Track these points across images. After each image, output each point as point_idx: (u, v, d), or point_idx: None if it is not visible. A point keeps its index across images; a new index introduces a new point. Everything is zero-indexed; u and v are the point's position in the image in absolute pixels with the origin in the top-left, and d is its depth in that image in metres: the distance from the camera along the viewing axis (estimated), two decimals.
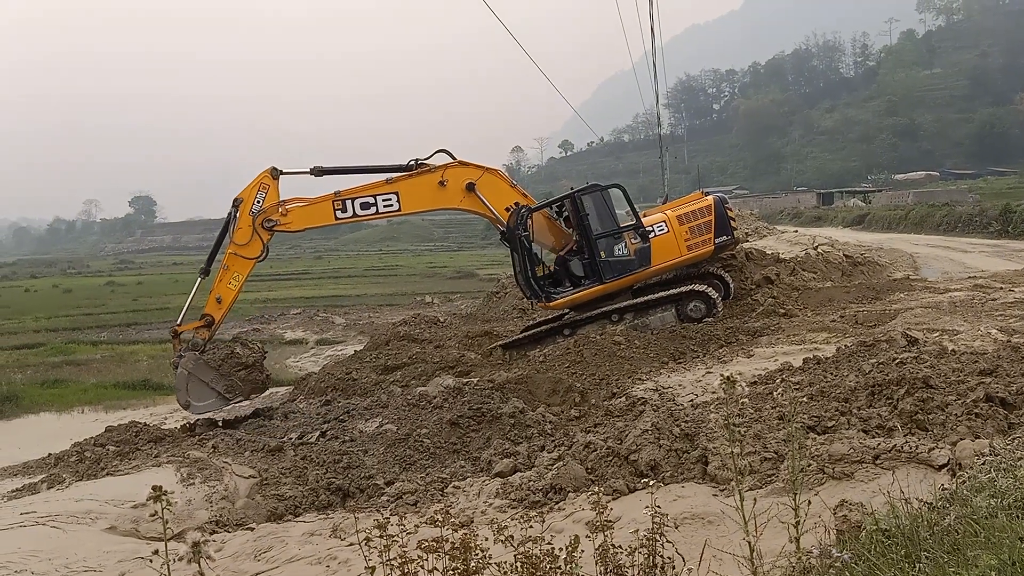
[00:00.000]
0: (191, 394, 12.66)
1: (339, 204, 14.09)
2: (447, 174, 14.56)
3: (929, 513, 4.03)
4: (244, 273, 13.59)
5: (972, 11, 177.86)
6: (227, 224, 13.73)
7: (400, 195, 14.29)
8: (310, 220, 14.33)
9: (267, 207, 13.53)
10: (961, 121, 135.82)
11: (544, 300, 15.30)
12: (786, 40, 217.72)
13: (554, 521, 6.28)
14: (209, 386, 12.79)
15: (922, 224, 43.33)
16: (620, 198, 16.29)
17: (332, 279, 52.45)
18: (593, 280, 15.35)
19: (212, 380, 12.81)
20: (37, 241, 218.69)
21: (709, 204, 16.15)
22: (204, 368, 12.86)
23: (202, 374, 12.79)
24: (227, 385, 12.84)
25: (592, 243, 15.33)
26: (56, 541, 7.28)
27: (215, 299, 13.50)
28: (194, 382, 12.72)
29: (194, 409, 12.69)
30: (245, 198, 13.50)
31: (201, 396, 12.73)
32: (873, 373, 7.80)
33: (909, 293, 16.82)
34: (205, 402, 12.72)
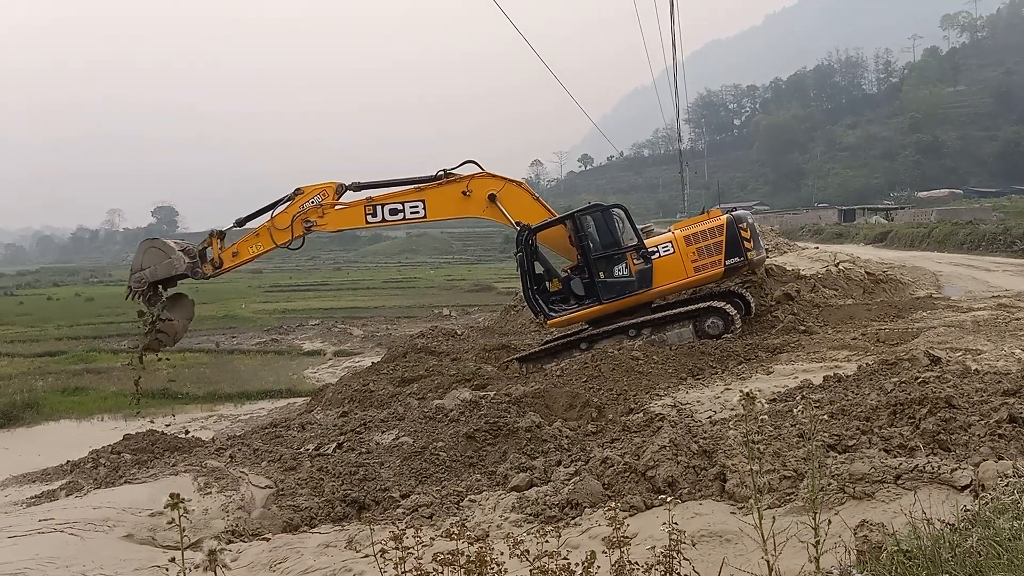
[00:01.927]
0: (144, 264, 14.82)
1: (370, 209, 15.11)
2: (471, 184, 15.19)
3: (951, 534, 3.97)
4: (266, 248, 15.08)
5: (997, 28, 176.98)
6: (278, 201, 15.03)
7: (427, 202, 15.10)
8: (344, 222, 15.46)
9: (310, 209, 14.87)
10: (985, 139, 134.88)
11: (543, 319, 15.62)
12: (808, 56, 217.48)
13: (570, 536, 6.23)
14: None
15: (945, 242, 42.93)
16: (624, 219, 16.12)
17: (351, 291, 52.66)
18: (592, 300, 15.38)
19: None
20: (60, 250, 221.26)
21: (721, 224, 15.69)
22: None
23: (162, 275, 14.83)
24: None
25: (590, 263, 15.37)
26: (74, 548, 7.31)
27: (232, 251, 15.12)
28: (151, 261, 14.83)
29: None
30: (306, 193, 14.93)
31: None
32: (895, 392, 7.71)
33: (932, 312, 16.65)
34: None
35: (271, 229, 14.94)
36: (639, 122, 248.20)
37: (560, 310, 15.55)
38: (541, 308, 15.48)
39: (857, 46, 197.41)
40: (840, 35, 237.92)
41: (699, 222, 16.31)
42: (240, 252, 15.08)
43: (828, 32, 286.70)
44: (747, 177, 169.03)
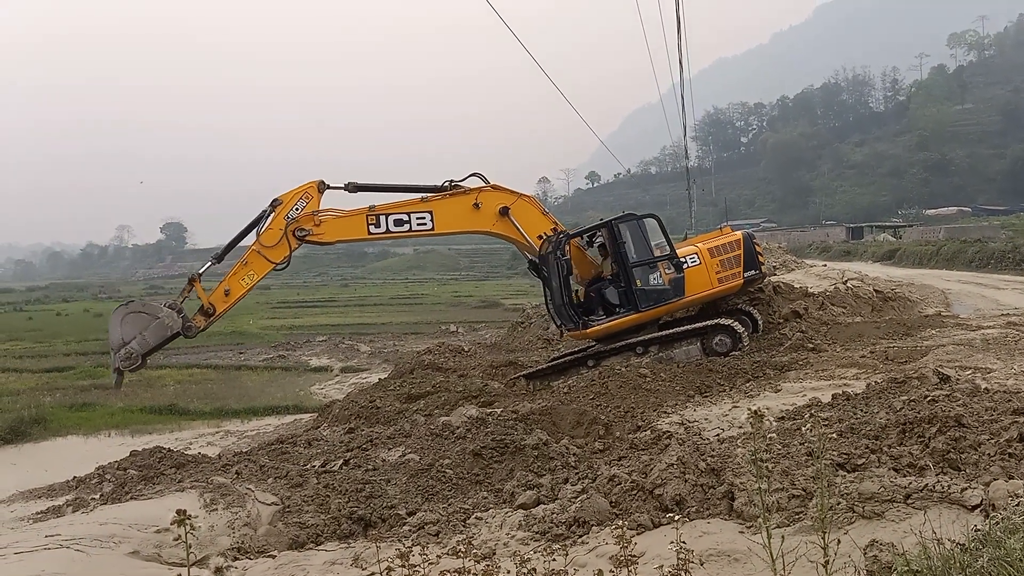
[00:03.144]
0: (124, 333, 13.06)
1: (373, 219, 13.87)
2: (481, 197, 14.57)
3: (961, 555, 3.93)
4: (260, 274, 13.35)
5: (1004, 47, 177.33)
6: (257, 221, 13.34)
7: (434, 214, 14.16)
8: (343, 232, 14.06)
9: (301, 216, 13.25)
10: (993, 157, 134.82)
11: (581, 328, 15.20)
12: (815, 74, 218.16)
13: (577, 555, 6.20)
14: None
15: (954, 260, 42.82)
16: (655, 228, 16.35)
17: (358, 307, 52.75)
18: (628, 308, 15.33)
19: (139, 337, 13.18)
20: (70, 265, 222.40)
21: (738, 239, 16.32)
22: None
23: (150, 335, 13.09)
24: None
25: (629, 271, 15.35)
26: (80, 564, 7.29)
27: (223, 291, 13.29)
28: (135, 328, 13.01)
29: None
30: (285, 202, 13.22)
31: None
32: (904, 410, 7.67)
33: (941, 330, 16.58)
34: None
35: (261, 251, 13.15)
36: (646, 140, 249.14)
37: (597, 319, 15.35)
38: (578, 317, 15.22)
39: (864, 64, 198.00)
40: (847, 53, 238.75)
41: (716, 237, 16.83)
42: (232, 289, 13.23)
43: (835, 50, 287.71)
44: (754, 194, 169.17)
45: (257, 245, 13.11)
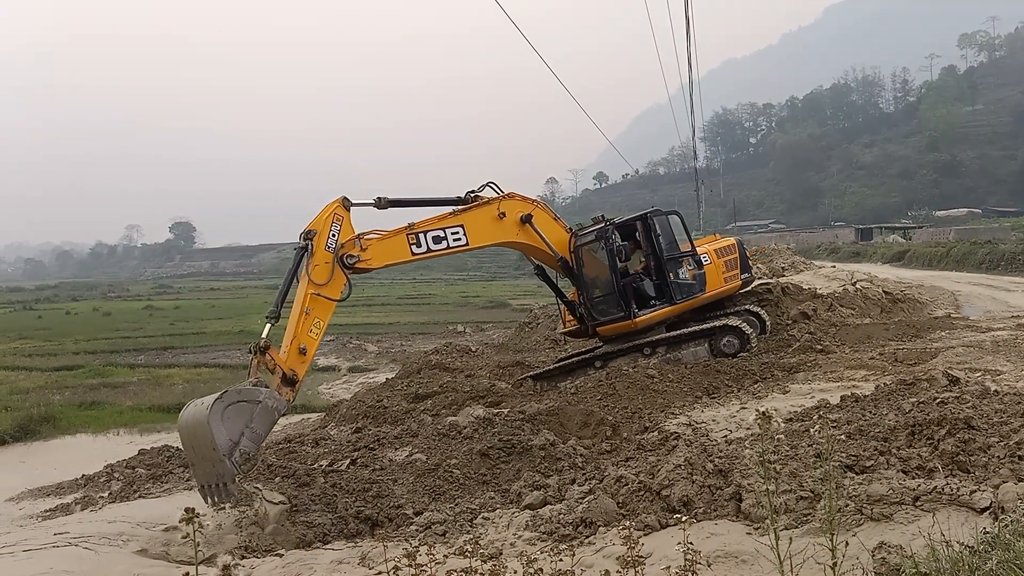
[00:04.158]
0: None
1: (413, 238, 12.76)
2: (503, 206, 14.10)
3: (970, 557, 3.91)
4: (325, 319, 11.44)
5: (1015, 48, 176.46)
6: (298, 261, 11.49)
7: (466, 228, 13.32)
8: (389, 256, 12.64)
9: (345, 242, 11.67)
10: (1004, 158, 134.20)
11: (631, 317, 15.10)
12: (824, 75, 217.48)
13: (584, 555, 6.19)
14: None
15: (964, 261, 42.63)
16: (679, 225, 16.59)
17: (365, 307, 52.75)
18: (664, 301, 15.45)
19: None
20: (79, 265, 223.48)
21: (733, 243, 17.28)
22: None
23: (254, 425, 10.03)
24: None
25: (664, 264, 15.47)
26: (88, 562, 7.32)
27: (298, 350, 10.86)
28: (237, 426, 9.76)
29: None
30: (319, 230, 11.44)
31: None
32: (913, 412, 7.64)
33: (950, 331, 16.52)
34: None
35: (318, 292, 11.23)
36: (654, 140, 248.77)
37: (643, 310, 15.30)
38: (627, 307, 15.12)
39: (874, 65, 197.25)
40: (857, 54, 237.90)
41: (713, 240, 17.40)
42: (307, 345, 11.05)
43: (844, 51, 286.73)
44: (763, 195, 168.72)
45: (311, 287, 11.20)
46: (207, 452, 9.29)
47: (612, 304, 15.22)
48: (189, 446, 9.60)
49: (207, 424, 9.29)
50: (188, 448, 9.68)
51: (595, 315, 15.43)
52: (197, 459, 9.45)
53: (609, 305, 15.28)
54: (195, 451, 9.45)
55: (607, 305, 15.30)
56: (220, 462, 9.18)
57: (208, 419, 9.34)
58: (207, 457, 9.33)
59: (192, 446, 9.49)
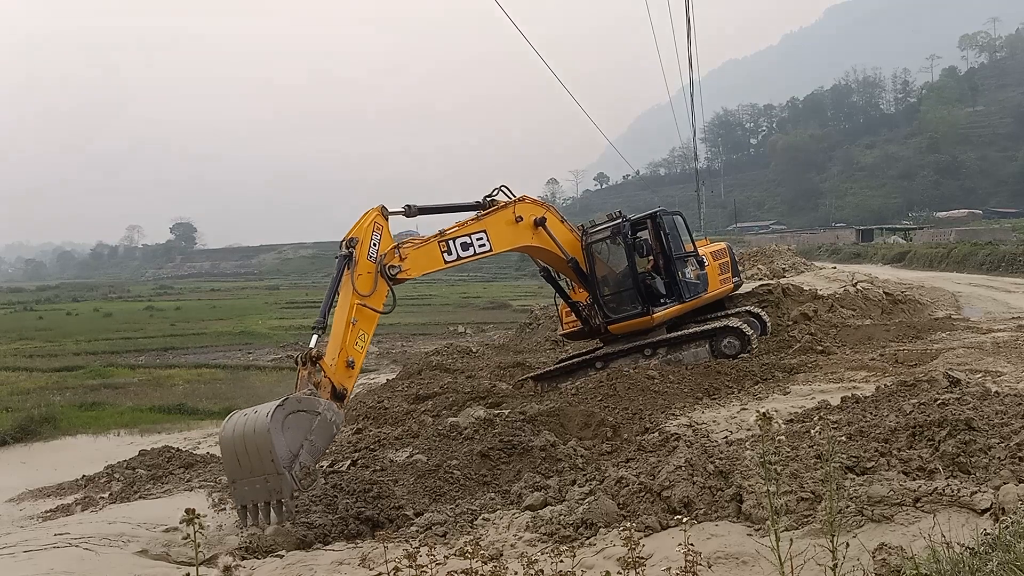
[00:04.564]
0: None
1: (444, 246, 12.55)
2: (518, 209, 13.95)
3: (971, 559, 3.91)
4: (370, 331, 11.09)
5: (1016, 49, 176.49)
6: (340, 270, 11.11)
7: (488, 233, 13.15)
8: (425, 265, 12.39)
9: (385, 252, 11.39)
10: (1005, 159, 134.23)
11: (648, 314, 15.10)
12: (825, 76, 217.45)
13: (584, 556, 6.19)
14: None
15: (964, 263, 42.63)
16: (682, 225, 16.77)
17: None
18: (675, 299, 15.53)
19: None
20: (80, 265, 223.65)
21: (724, 247, 17.70)
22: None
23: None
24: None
25: (674, 263, 15.60)
26: (88, 563, 7.33)
27: (345, 363, 10.25)
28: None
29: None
30: (361, 239, 11.14)
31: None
32: (914, 414, 7.63)
33: (951, 333, 16.52)
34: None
35: (363, 303, 10.86)
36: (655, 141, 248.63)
37: (659, 306, 15.38)
38: (645, 302, 15.17)
39: (875, 66, 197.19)
40: (857, 55, 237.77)
41: (704, 245, 17.73)
42: (355, 358, 10.52)
43: (845, 52, 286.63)
44: (764, 196, 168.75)
45: (357, 298, 10.82)
46: (262, 465, 8.75)
47: (628, 300, 15.22)
48: (235, 459, 8.98)
49: (268, 433, 8.73)
50: (233, 461, 9.03)
51: (608, 313, 15.39)
52: (245, 474, 8.86)
53: (624, 302, 15.26)
54: (243, 465, 8.89)
55: (622, 302, 15.28)
56: (278, 476, 8.67)
57: (269, 427, 8.77)
58: (261, 470, 8.76)
59: (241, 459, 8.92)
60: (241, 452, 8.92)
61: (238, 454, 8.96)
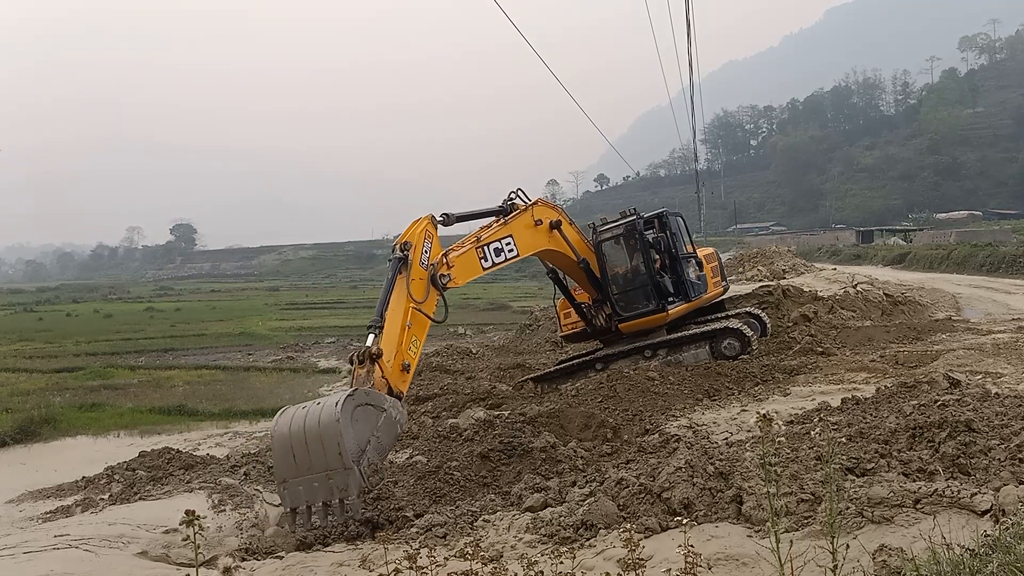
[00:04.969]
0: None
1: (480, 252, 12.55)
2: (537, 212, 13.99)
3: (971, 560, 3.91)
4: (422, 337, 10.97)
5: (1016, 50, 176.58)
6: (395, 272, 10.95)
7: (514, 238, 13.17)
8: (468, 273, 12.35)
9: (436, 261, 11.41)
10: (1005, 161, 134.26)
11: (663, 310, 15.21)
12: (825, 77, 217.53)
13: (585, 558, 6.19)
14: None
15: (964, 264, 42.63)
16: (683, 227, 16.97)
17: (367, 308, 52.58)
18: (682, 297, 15.64)
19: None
20: (80, 267, 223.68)
21: (713, 252, 18.04)
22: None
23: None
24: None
25: (680, 262, 15.70)
26: (88, 564, 7.32)
27: (401, 366, 10.14)
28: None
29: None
30: (415, 244, 11.09)
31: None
32: (914, 415, 7.63)
33: (951, 334, 16.53)
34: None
35: (419, 309, 10.80)
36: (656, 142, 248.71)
37: (672, 303, 15.51)
38: (661, 298, 15.27)
39: (874, 67, 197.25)
40: (857, 56, 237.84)
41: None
42: (410, 361, 10.45)
43: (845, 53, 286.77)
44: (764, 197, 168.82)
45: (411, 301, 10.75)
46: (325, 460, 8.31)
47: (642, 298, 15.28)
48: (290, 456, 8.51)
49: (337, 424, 8.27)
50: (287, 458, 8.54)
51: (620, 311, 15.42)
52: (302, 471, 8.42)
53: (637, 299, 15.31)
54: (300, 462, 8.44)
55: (635, 299, 15.33)
56: (346, 471, 8.27)
57: (339, 418, 8.31)
58: (322, 466, 8.35)
59: (298, 455, 8.46)
60: (299, 448, 8.50)
61: (294, 450, 8.54)
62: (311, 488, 8.38)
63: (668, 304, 15.21)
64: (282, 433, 8.66)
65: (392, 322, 10.37)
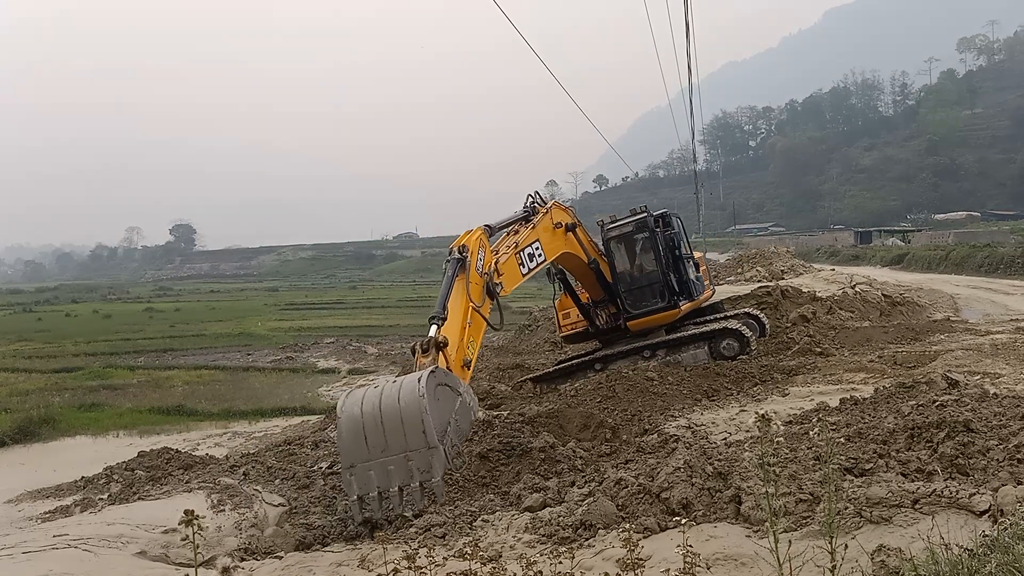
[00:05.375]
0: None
1: (519, 259, 12.53)
2: (555, 216, 14.03)
3: (970, 560, 3.91)
4: (478, 339, 10.98)
5: (1014, 51, 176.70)
6: (454, 272, 10.84)
7: (540, 242, 13.18)
8: (513, 280, 12.37)
9: (489, 270, 11.48)
10: (1003, 162, 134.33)
11: (675, 307, 15.36)
12: (824, 78, 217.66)
13: (584, 558, 6.19)
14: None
15: (963, 265, 42.67)
16: (680, 228, 17.10)
17: (366, 309, 52.78)
18: (685, 296, 15.71)
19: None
20: (79, 267, 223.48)
21: (701, 256, 18.22)
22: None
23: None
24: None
25: (683, 261, 15.89)
26: (87, 564, 7.32)
27: (462, 365, 10.12)
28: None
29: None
30: (472, 249, 11.13)
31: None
32: (912, 415, 7.64)
33: (949, 335, 16.55)
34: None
35: (478, 310, 10.88)
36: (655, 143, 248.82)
37: (682, 300, 15.64)
38: (673, 295, 15.38)
39: (873, 68, 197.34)
40: (856, 57, 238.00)
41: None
42: (470, 357, 10.55)
43: (844, 54, 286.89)
44: (763, 198, 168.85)
45: (470, 304, 10.77)
46: (405, 440, 7.89)
47: (653, 294, 15.38)
48: (361, 439, 8.04)
49: (422, 400, 7.84)
50: (358, 441, 8.07)
51: (629, 308, 15.45)
52: (375, 454, 8.01)
53: (649, 295, 15.40)
54: (374, 444, 7.99)
55: (646, 296, 15.41)
56: (429, 451, 7.89)
57: (424, 394, 7.85)
58: (400, 447, 7.93)
59: (370, 437, 8.02)
60: (372, 429, 8.05)
61: (366, 431, 8.06)
62: (385, 472, 7.98)
63: (679, 301, 15.34)
64: (352, 415, 8.21)
65: (454, 316, 10.34)
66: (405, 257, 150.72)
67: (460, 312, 10.47)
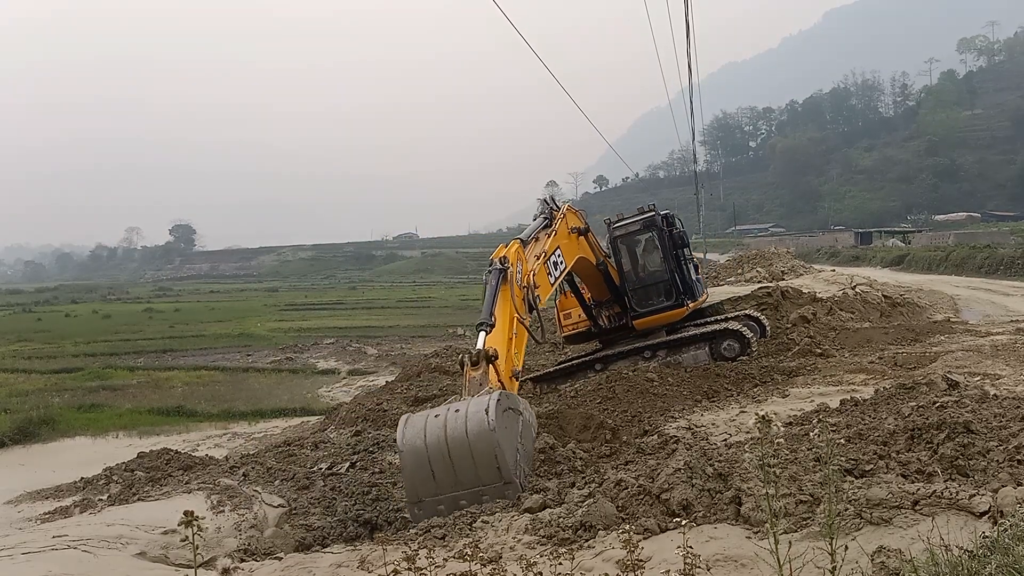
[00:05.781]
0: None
1: (547, 268, 12.43)
2: (570, 221, 14.07)
3: (970, 561, 3.91)
4: (523, 350, 10.86)
5: (1014, 52, 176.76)
6: (498, 281, 10.61)
7: (561, 248, 13.13)
8: (545, 291, 12.26)
9: (527, 284, 11.33)
10: (1003, 163, 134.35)
11: (682, 305, 15.47)
12: (824, 79, 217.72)
13: (584, 559, 6.18)
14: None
15: (963, 266, 42.66)
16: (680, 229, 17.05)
17: (365, 310, 52.80)
18: (687, 297, 15.74)
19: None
20: (79, 267, 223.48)
21: (699, 259, 18.50)
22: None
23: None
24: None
25: (685, 260, 15.97)
26: (86, 565, 7.31)
27: (511, 375, 9.90)
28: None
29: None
30: (512, 261, 10.98)
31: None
32: (913, 416, 7.64)
33: (950, 336, 16.54)
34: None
35: (522, 322, 10.73)
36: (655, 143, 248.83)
37: (688, 299, 15.72)
38: (682, 293, 15.48)
39: (873, 69, 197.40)
40: (856, 58, 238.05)
41: None
42: (518, 368, 10.39)
43: (844, 55, 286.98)
44: (763, 199, 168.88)
45: (516, 315, 10.60)
46: (478, 474, 7.48)
47: (660, 293, 15.44)
48: (427, 472, 7.67)
49: (493, 435, 7.40)
50: (424, 475, 7.70)
51: (636, 306, 15.49)
52: (445, 488, 7.66)
53: (656, 294, 15.47)
54: (443, 478, 7.64)
55: (653, 294, 15.48)
56: (504, 486, 7.50)
57: (495, 427, 7.42)
58: (476, 481, 7.53)
59: (438, 471, 7.64)
60: (439, 463, 7.64)
61: (433, 465, 7.69)
62: (456, 507, 7.68)
63: (686, 299, 15.42)
64: (415, 447, 7.76)
65: (501, 325, 10.14)
66: (405, 257, 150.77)
67: (507, 321, 10.27)
